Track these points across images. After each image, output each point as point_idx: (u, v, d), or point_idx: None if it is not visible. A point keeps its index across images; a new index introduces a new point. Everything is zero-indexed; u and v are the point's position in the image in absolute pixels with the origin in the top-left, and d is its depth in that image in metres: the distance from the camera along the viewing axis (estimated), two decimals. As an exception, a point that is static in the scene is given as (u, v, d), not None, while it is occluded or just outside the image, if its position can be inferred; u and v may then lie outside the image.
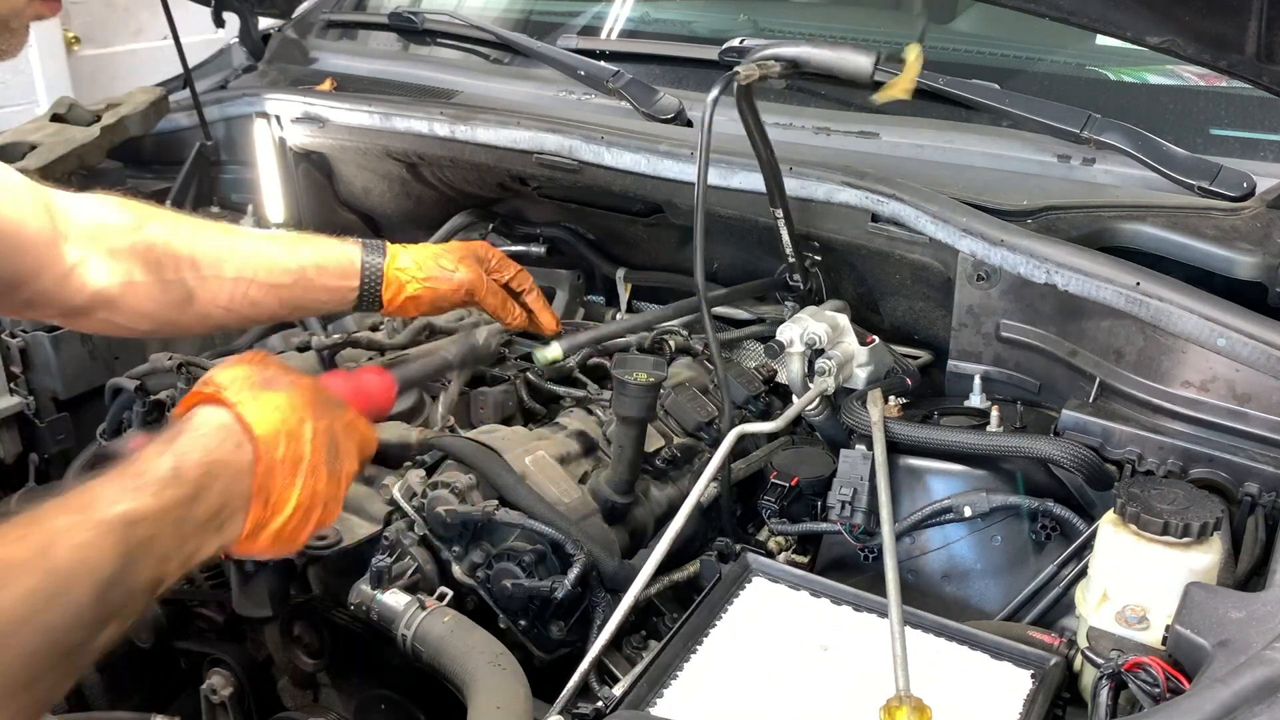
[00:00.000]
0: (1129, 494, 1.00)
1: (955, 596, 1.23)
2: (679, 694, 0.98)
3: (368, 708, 1.30)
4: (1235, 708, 0.73)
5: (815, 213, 1.45)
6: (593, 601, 1.34)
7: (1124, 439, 1.17)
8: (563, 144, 1.63)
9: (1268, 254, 1.19)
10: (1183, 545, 0.96)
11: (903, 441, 1.25)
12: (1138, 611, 0.96)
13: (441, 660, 1.24)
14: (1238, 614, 0.85)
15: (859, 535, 1.25)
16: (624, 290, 1.82)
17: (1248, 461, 1.11)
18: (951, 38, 1.95)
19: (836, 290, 1.56)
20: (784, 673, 1.00)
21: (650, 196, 1.63)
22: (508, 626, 1.34)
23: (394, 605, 1.31)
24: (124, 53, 4.58)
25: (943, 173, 1.48)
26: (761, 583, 1.14)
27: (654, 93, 1.71)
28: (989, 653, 1.03)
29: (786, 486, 1.30)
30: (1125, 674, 0.87)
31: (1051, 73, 1.76)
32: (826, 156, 1.52)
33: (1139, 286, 1.16)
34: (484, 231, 1.90)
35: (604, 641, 1.05)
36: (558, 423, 1.48)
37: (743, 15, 2.14)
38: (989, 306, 1.34)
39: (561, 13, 2.24)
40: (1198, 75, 1.63)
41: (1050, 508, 1.19)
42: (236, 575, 1.43)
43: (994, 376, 1.37)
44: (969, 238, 1.29)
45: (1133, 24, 1.18)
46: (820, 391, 1.31)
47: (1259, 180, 1.33)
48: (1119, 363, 1.23)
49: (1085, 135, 1.42)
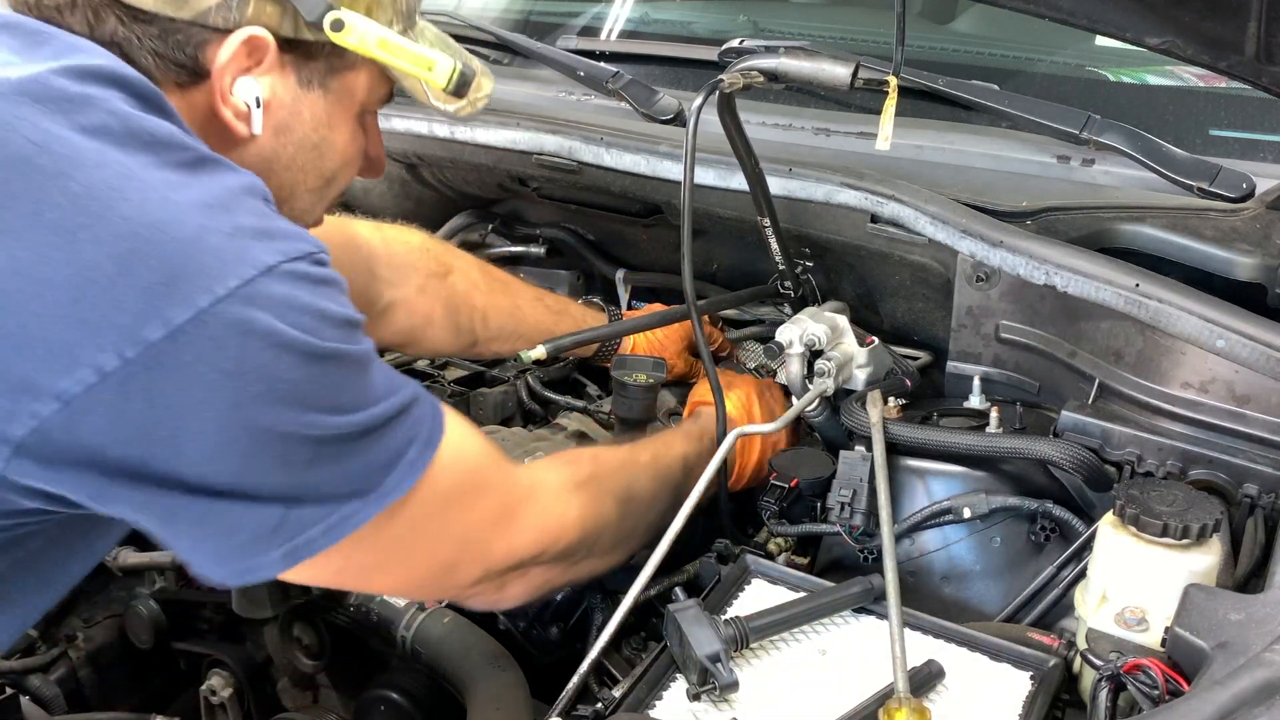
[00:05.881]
0: (1128, 495, 1.00)
1: (954, 598, 1.23)
2: (678, 695, 0.98)
3: (367, 709, 1.30)
4: (1234, 710, 0.73)
5: (814, 214, 1.45)
6: (591, 603, 1.35)
7: (1123, 440, 1.17)
8: (562, 145, 1.63)
9: (1267, 255, 1.19)
10: (1182, 547, 0.96)
11: (902, 443, 1.25)
12: (1137, 613, 0.96)
13: (441, 661, 1.24)
14: (1237, 616, 0.85)
15: (858, 537, 1.25)
16: (624, 291, 1.82)
17: (1247, 463, 1.11)
18: (951, 38, 1.94)
19: (836, 291, 1.56)
20: (783, 675, 1.00)
21: (650, 197, 1.63)
22: (507, 628, 1.34)
23: (394, 606, 1.31)
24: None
25: (942, 174, 1.47)
26: (761, 584, 1.15)
27: (653, 93, 1.71)
28: (988, 654, 1.03)
29: (786, 488, 1.30)
30: (1124, 676, 0.87)
31: (1051, 73, 1.76)
32: (826, 157, 1.52)
33: (1138, 288, 1.16)
34: (484, 232, 1.90)
35: (603, 643, 1.05)
36: (557, 424, 1.48)
37: (742, 16, 2.13)
38: (988, 307, 1.33)
39: (561, 13, 2.24)
40: (1197, 76, 1.63)
41: (1050, 509, 1.19)
42: (236, 576, 1.43)
43: (993, 377, 1.36)
44: (968, 239, 1.29)
45: (1132, 25, 1.18)
46: (819, 393, 1.31)
47: (1259, 181, 1.33)
48: (1118, 364, 1.23)
49: (1085, 136, 1.42)
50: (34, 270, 0.72)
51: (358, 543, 0.86)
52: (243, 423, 0.77)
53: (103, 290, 0.73)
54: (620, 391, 1.48)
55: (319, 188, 1.06)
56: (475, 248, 1.86)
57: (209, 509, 0.79)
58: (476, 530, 0.99)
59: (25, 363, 0.73)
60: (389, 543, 0.91)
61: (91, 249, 0.73)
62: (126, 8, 0.88)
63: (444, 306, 1.47)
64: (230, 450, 0.77)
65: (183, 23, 0.89)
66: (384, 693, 1.28)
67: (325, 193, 1.09)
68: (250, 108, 0.94)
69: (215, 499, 0.79)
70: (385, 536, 0.89)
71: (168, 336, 0.73)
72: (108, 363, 0.73)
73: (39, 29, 0.86)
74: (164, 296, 0.73)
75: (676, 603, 1.01)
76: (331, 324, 0.82)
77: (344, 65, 1.01)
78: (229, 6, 0.90)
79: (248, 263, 0.77)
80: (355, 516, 0.85)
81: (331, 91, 1.01)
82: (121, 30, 0.88)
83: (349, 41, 0.95)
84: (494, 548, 1.01)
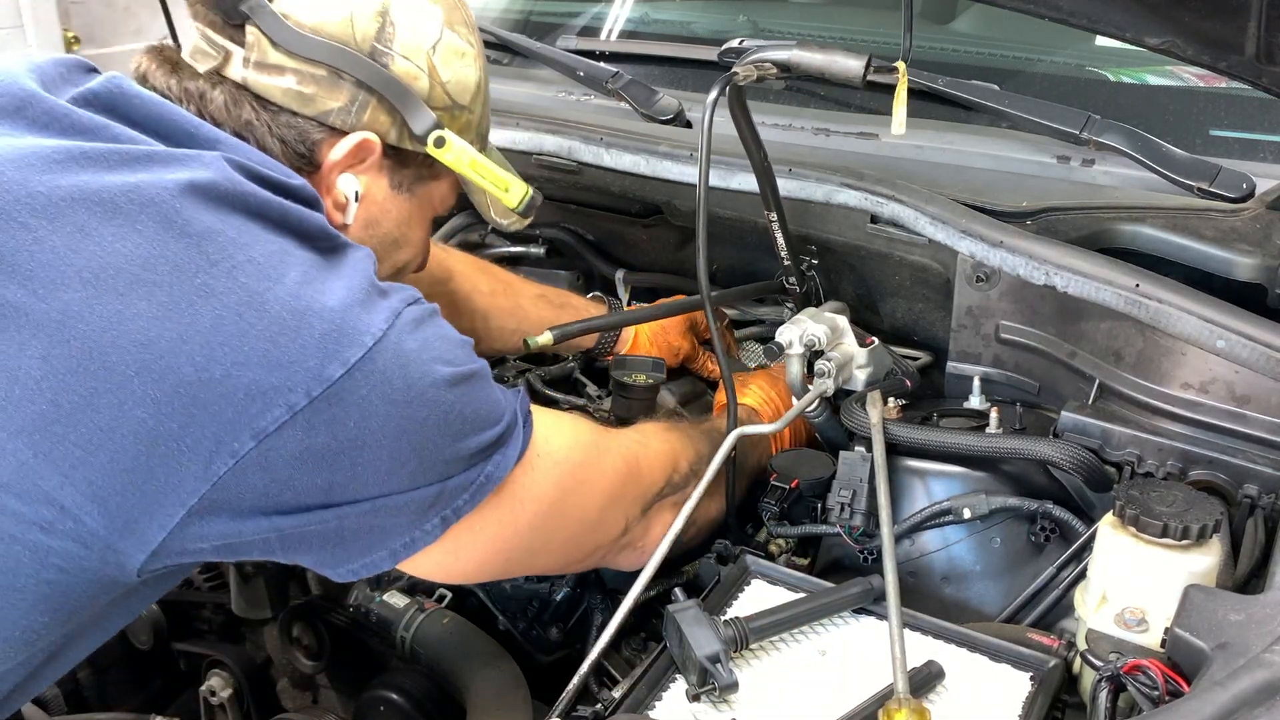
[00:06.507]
0: (1128, 496, 0.99)
1: (954, 598, 1.23)
2: (678, 696, 0.98)
3: (367, 709, 1.30)
4: (1234, 711, 0.73)
5: (814, 214, 1.45)
6: (591, 603, 1.35)
7: (1123, 441, 1.17)
8: (562, 145, 1.63)
9: (1267, 255, 1.19)
10: (1182, 547, 0.96)
11: (902, 443, 1.25)
12: (1137, 614, 0.96)
13: (440, 662, 1.24)
14: (1237, 617, 0.85)
15: (858, 537, 1.25)
16: (624, 291, 1.81)
17: (1247, 463, 1.11)
18: (951, 38, 1.94)
19: (836, 291, 1.56)
20: (783, 675, 1.00)
21: (650, 198, 1.63)
22: (507, 628, 1.34)
23: (393, 607, 1.31)
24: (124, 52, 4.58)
25: (942, 174, 1.47)
26: (761, 585, 1.14)
27: (653, 93, 1.71)
28: (988, 655, 1.03)
29: (786, 489, 1.30)
30: (1124, 676, 0.87)
31: (1051, 73, 1.76)
32: (826, 157, 1.52)
33: (1138, 288, 1.16)
34: (484, 233, 1.90)
35: (603, 644, 1.05)
36: (557, 424, 1.48)
37: (742, 16, 2.13)
38: (988, 308, 1.33)
39: (561, 13, 2.24)
40: (1197, 76, 1.63)
41: (1050, 510, 1.19)
42: (236, 576, 1.43)
43: (993, 378, 1.36)
44: (968, 239, 1.29)
45: (1132, 25, 1.18)
46: (819, 393, 1.31)
47: (1259, 181, 1.33)
48: (1118, 364, 1.23)
49: (1085, 136, 1.41)
50: (234, 325, 0.82)
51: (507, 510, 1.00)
52: (411, 445, 0.89)
53: (290, 340, 0.83)
54: (620, 392, 1.48)
55: (389, 276, 1.13)
56: (475, 248, 1.86)
57: (375, 506, 0.90)
58: (610, 479, 1.12)
59: (229, 406, 0.82)
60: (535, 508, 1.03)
61: (276, 308, 0.84)
62: (258, 98, 1.00)
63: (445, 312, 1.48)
64: (400, 470, 0.89)
65: (304, 118, 1.01)
66: (384, 693, 1.28)
67: (393, 280, 1.14)
68: (349, 200, 1.05)
69: (380, 499, 0.90)
70: (528, 500, 1.02)
71: (346, 374, 0.84)
72: (298, 401, 0.83)
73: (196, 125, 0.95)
74: (337, 341, 0.85)
75: (676, 603, 1.01)
76: (458, 347, 0.95)
77: (431, 175, 1.13)
78: (349, 110, 1.02)
79: (386, 310, 0.89)
80: (496, 472, 0.97)
81: (416, 196, 1.13)
82: (255, 119, 0.99)
83: (447, 159, 1.08)
84: (630, 490, 1.15)
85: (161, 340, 0.81)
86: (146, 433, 0.81)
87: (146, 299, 0.81)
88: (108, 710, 1.52)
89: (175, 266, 0.82)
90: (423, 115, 1.05)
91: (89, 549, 0.83)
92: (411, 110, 1.04)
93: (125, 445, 0.80)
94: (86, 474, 0.81)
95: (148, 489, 0.82)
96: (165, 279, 0.82)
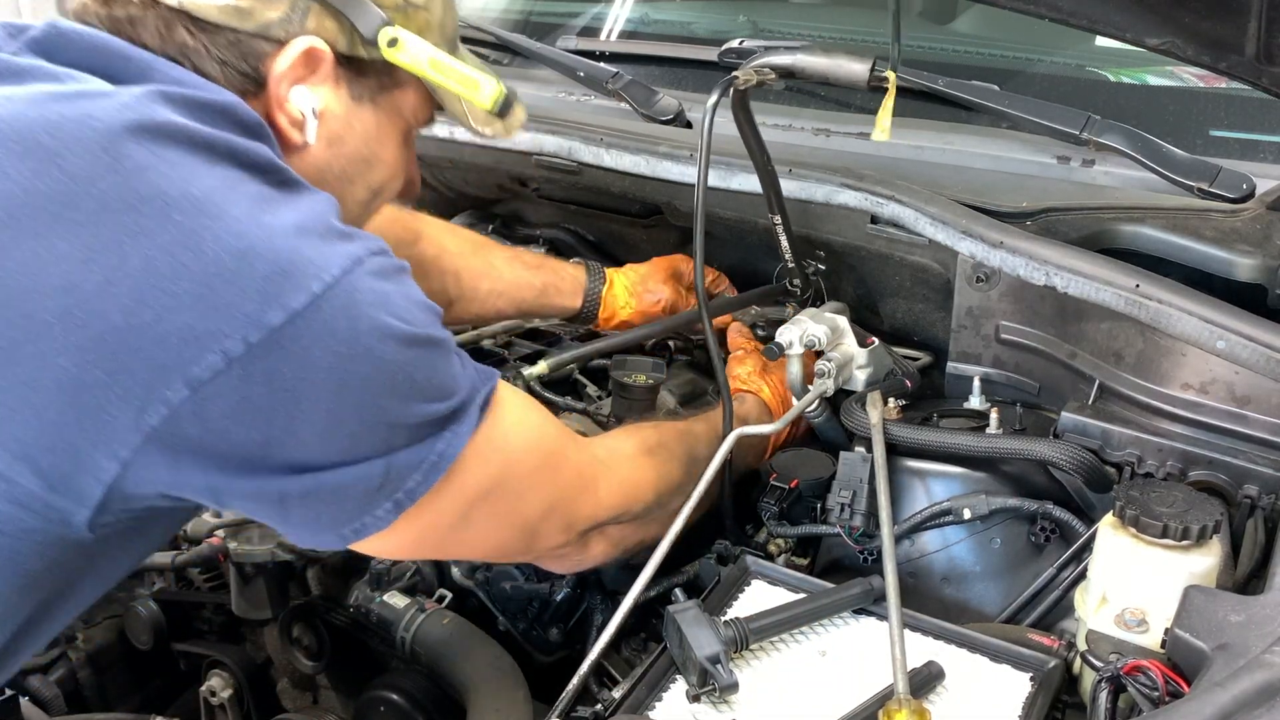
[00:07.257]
0: (1128, 496, 0.99)
1: (954, 599, 1.23)
2: (678, 697, 0.98)
3: (367, 710, 1.30)
4: (1234, 712, 0.73)
5: (815, 214, 1.45)
6: (591, 604, 1.35)
7: (1123, 441, 1.17)
8: (562, 145, 1.63)
9: (1267, 256, 1.19)
10: (1182, 548, 0.96)
11: (902, 444, 1.25)
12: (1137, 614, 0.96)
13: (440, 663, 1.24)
14: (1237, 617, 0.85)
15: (858, 538, 1.25)
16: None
17: (1247, 464, 1.11)
18: (951, 38, 1.94)
19: (836, 292, 1.56)
20: (783, 676, 1.00)
21: (650, 198, 1.63)
22: (507, 629, 1.34)
23: (393, 607, 1.31)
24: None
25: (942, 174, 1.47)
26: (761, 585, 1.14)
27: (653, 94, 1.71)
28: (988, 655, 1.03)
29: (786, 489, 1.30)
30: (1124, 677, 0.87)
31: (1051, 74, 1.76)
32: (826, 158, 1.52)
33: (1138, 288, 1.16)
34: (484, 233, 1.90)
35: (603, 644, 1.05)
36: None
37: (742, 16, 2.13)
38: (988, 308, 1.33)
39: (561, 13, 2.24)
40: (1197, 76, 1.63)
41: (1050, 510, 1.19)
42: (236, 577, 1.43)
43: (993, 378, 1.36)
44: (968, 239, 1.29)
45: (1132, 25, 1.18)
46: (819, 393, 1.31)
47: (1259, 182, 1.33)
48: (1118, 365, 1.22)
49: (1085, 137, 1.41)
50: (166, 266, 0.77)
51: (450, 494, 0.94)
52: (352, 404, 0.83)
53: (228, 282, 0.78)
54: (620, 392, 1.48)
55: (366, 200, 1.09)
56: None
57: (318, 482, 0.85)
58: (561, 491, 1.08)
59: (161, 352, 0.77)
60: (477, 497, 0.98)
61: (214, 247, 0.78)
62: (194, 19, 0.92)
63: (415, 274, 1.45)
64: (339, 431, 0.84)
65: (246, 34, 0.94)
66: (384, 694, 1.28)
67: (371, 205, 1.12)
68: (305, 116, 0.98)
69: (323, 472, 0.85)
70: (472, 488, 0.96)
71: (288, 321, 0.79)
72: (234, 349, 0.77)
73: (129, 55, 0.89)
74: (280, 285, 0.79)
75: (676, 604, 1.01)
76: (419, 308, 0.89)
77: (394, 83, 1.05)
78: (290, 20, 0.95)
79: (344, 255, 0.83)
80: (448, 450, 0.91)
81: (381, 108, 1.05)
82: (190, 41, 0.93)
83: (402, 59, 1.00)
84: (578, 509, 1.10)
85: (85, 284, 0.76)
86: (71, 382, 0.76)
87: (68, 239, 0.76)
88: (108, 710, 1.52)
89: (101, 204, 0.77)
90: (369, 14, 0.97)
91: (29, 509, 0.80)
92: (356, 10, 0.97)
93: (50, 398, 0.76)
94: (12, 431, 0.77)
95: (79, 443, 0.78)
96: (89, 218, 0.77)
